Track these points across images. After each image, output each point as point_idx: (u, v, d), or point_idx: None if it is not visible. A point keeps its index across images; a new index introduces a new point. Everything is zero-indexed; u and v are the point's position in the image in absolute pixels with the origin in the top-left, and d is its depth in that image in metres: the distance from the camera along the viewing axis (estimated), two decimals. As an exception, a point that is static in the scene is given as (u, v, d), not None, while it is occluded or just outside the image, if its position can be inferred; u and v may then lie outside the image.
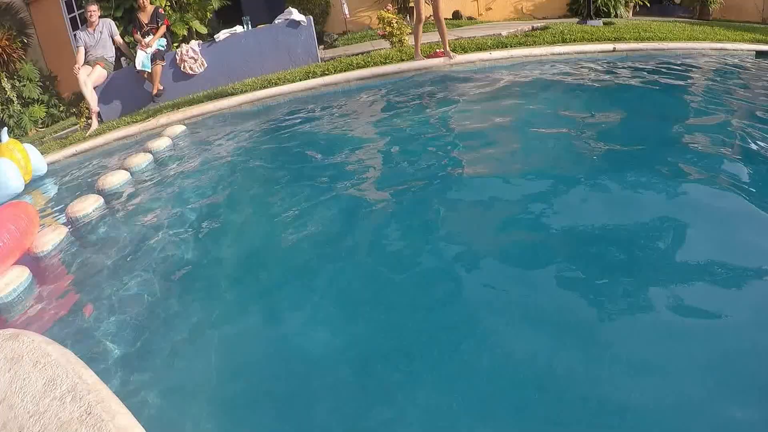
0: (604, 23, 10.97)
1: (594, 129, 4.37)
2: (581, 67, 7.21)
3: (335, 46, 12.52)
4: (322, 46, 11.87)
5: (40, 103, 14.24)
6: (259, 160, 4.87)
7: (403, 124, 5.09)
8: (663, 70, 6.88)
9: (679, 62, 7.33)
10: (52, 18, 16.60)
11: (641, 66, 7.12)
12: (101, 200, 4.23)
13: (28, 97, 14.12)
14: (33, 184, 6.28)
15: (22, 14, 16.33)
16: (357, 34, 13.71)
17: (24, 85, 14.21)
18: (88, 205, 4.09)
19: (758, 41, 9.29)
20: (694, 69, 7.12)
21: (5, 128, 6.90)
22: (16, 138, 7.94)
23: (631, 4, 15.52)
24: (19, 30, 15.61)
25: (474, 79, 7.00)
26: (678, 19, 13.92)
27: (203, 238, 3.13)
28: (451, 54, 7.94)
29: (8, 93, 13.48)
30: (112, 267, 3.00)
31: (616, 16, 14.22)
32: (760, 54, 8.16)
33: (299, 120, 6.25)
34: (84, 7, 9.64)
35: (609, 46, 8.28)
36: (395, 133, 4.89)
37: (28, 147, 6.55)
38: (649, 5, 15.96)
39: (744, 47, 8.64)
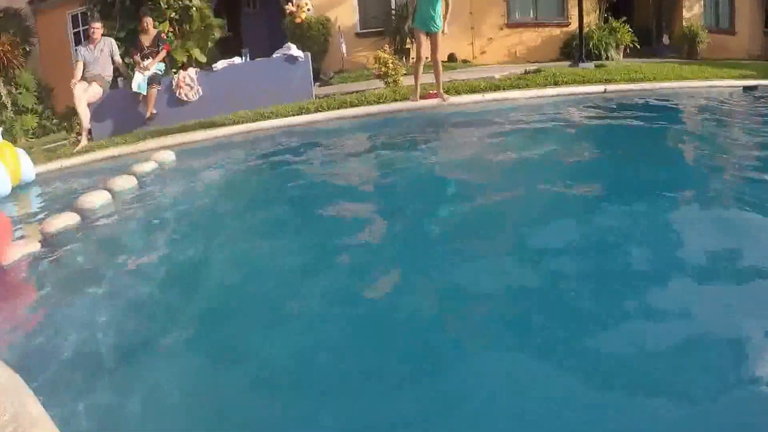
0: (596, 66, 11.28)
1: (585, 168, 4.45)
2: (573, 108, 7.38)
3: (331, 84, 12.69)
4: (318, 83, 12.02)
5: (33, 113, 14.27)
6: (244, 192, 4.92)
7: (393, 163, 5.16)
8: (653, 108, 7.10)
9: (669, 101, 7.59)
10: (57, 30, 16.79)
11: (631, 106, 7.33)
12: (77, 218, 4.21)
13: (23, 106, 14.15)
14: (18, 191, 6.29)
15: (28, 22, 16.48)
16: (353, 73, 13.91)
17: (20, 93, 14.25)
18: (64, 222, 4.06)
19: (745, 77, 9.74)
20: (683, 106, 7.37)
21: (0, 129, 6.92)
22: (6, 144, 7.96)
23: (622, 47, 15.92)
24: (23, 38, 15.69)
25: (466, 120, 7.14)
26: (667, 60, 14.25)
27: (176, 268, 3.15)
28: (445, 96, 8.11)
29: (3, 98, 13.49)
30: (77, 288, 3.02)
31: (607, 58, 14.58)
32: (747, 89, 8.54)
33: (289, 155, 6.32)
34: (88, 24, 9.73)
35: (600, 88, 8.52)
36: (383, 172, 4.96)
37: (20, 152, 6.56)
38: (639, 47, 16.39)
39: (731, 83, 9.08)
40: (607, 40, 15.30)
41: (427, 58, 8.40)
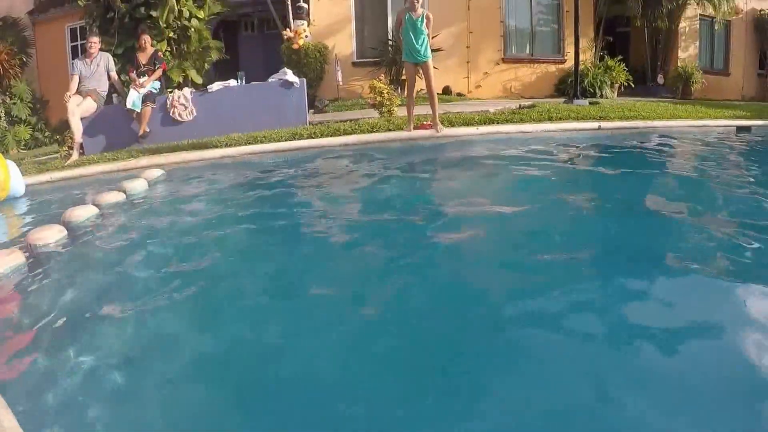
0: (590, 103, 11.40)
1: (577, 204, 4.47)
2: (566, 144, 7.43)
3: (325, 112, 12.74)
4: (312, 110, 12.07)
5: (27, 125, 14.26)
6: (231, 214, 4.90)
7: (382, 192, 5.17)
8: (646, 147, 7.16)
9: (662, 139, 7.68)
10: (55, 42, 16.83)
11: (625, 143, 7.39)
12: (64, 232, 4.19)
13: (16, 116, 14.15)
14: (6, 202, 6.26)
15: (26, 32, 16.53)
16: (348, 102, 14.01)
17: (14, 103, 14.25)
18: (50, 235, 4.04)
19: (738, 117, 9.90)
20: (676, 145, 7.43)
21: None
22: (-1, 154, 7.94)
23: (616, 85, 16.18)
24: (21, 48, 15.75)
25: (458, 152, 7.17)
26: (661, 100, 14.52)
27: (161, 288, 3.12)
28: (440, 127, 8.18)
29: (-3, 107, 13.51)
30: (59, 301, 2.99)
31: (601, 96, 14.81)
32: (740, 129, 8.66)
33: (279, 179, 6.32)
34: (86, 38, 9.77)
35: (594, 124, 8.63)
36: (373, 200, 4.96)
37: (11, 164, 6.52)
38: (633, 86, 16.63)
39: (725, 123, 9.21)
40: (602, 78, 15.56)
41: (422, 89, 8.50)
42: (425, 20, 7.96)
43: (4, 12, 16.32)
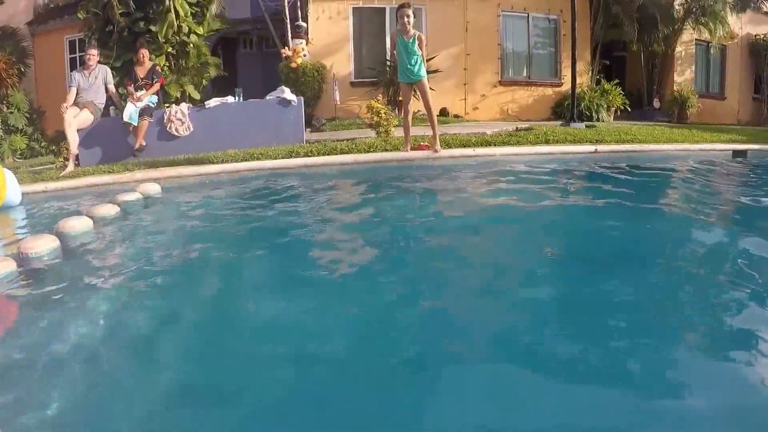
0: (587, 126, 11.49)
1: (573, 229, 4.45)
2: (563, 167, 7.44)
3: (322, 131, 12.78)
4: (309, 129, 12.10)
5: (23, 134, 14.28)
6: (225, 230, 4.87)
7: (378, 212, 5.14)
8: (643, 170, 7.17)
9: (658, 163, 7.71)
10: (53, 54, 16.92)
11: (622, 166, 7.37)
12: (57, 242, 4.16)
13: (13, 125, 14.18)
14: (1, 211, 6.23)
15: (25, 43, 16.63)
16: (345, 121, 14.07)
17: (11, 113, 14.29)
18: (42, 245, 3.98)
19: (734, 141, 9.99)
20: (673, 169, 7.44)
21: None
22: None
23: (613, 109, 16.33)
24: (19, 57, 15.84)
25: (456, 174, 7.16)
26: (658, 123, 14.68)
27: (151, 305, 3.08)
28: (438, 147, 8.23)
29: (-7, 116, 13.54)
30: (49, 309, 2.97)
31: (598, 120, 14.93)
32: (736, 153, 8.69)
33: (275, 197, 6.30)
34: (85, 50, 9.79)
35: (591, 148, 8.66)
36: (367, 220, 4.93)
37: (7, 173, 6.47)
38: (630, 110, 16.80)
39: (721, 147, 9.29)
40: (599, 102, 15.71)
41: (419, 111, 8.54)
42: (417, 41, 8.04)
43: (3, 22, 16.44)
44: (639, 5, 17.05)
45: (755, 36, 21.13)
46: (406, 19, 8.01)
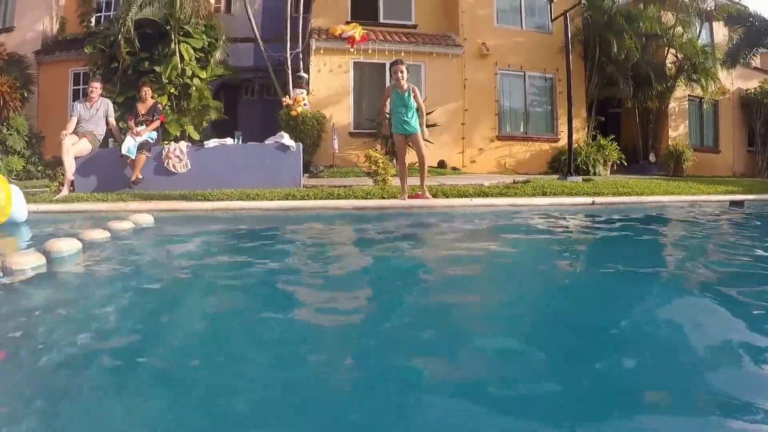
0: (584, 180, 11.56)
1: (571, 278, 4.41)
2: (560, 218, 7.42)
3: (320, 177, 12.86)
4: (307, 175, 12.17)
5: (21, 156, 14.37)
6: (214, 267, 4.79)
7: (372, 257, 5.09)
8: (642, 221, 7.16)
9: (657, 214, 7.75)
10: (57, 83, 17.32)
11: (620, 217, 7.37)
12: (43, 260, 4.12)
13: (11, 147, 14.28)
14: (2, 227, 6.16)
15: (31, 70, 16.98)
16: (343, 170, 14.21)
17: (11, 134, 14.41)
18: (27, 261, 3.93)
19: (731, 192, 10.07)
20: (671, 219, 7.47)
21: None
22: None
23: (609, 164, 16.54)
24: (24, 84, 16.13)
25: (452, 223, 7.11)
26: (654, 177, 14.84)
27: (134, 335, 2.98)
28: (428, 195, 8.31)
29: (-7, 136, 13.69)
30: (24, 332, 2.89)
31: (594, 174, 15.18)
32: (733, 204, 8.81)
33: (268, 238, 6.20)
34: (88, 82, 9.89)
35: (588, 199, 8.70)
36: (361, 265, 4.89)
37: (14, 189, 6.39)
38: (626, 164, 17.02)
39: (718, 198, 9.38)
40: (595, 157, 16.01)
41: (414, 162, 8.62)
42: (412, 93, 8.18)
43: (12, 48, 16.80)
44: (633, 64, 17.54)
45: (746, 90, 21.75)
46: (400, 75, 8.19)
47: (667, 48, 19.14)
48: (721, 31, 21.00)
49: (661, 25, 18.55)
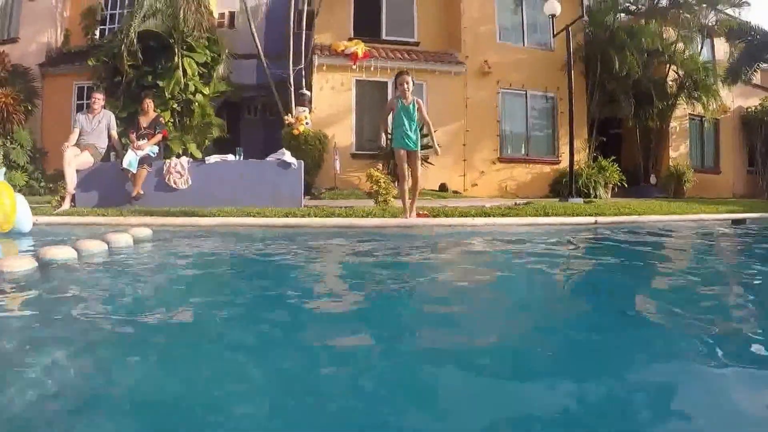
0: (585, 201, 11.61)
1: (575, 295, 4.37)
2: (563, 237, 7.37)
3: (321, 198, 12.84)
4: (308, 196, 12.13)
5: (23, 171, 14.37)
6: (212, 281, 4.78)
7: (370, 275, 5.07)
8: (646, 239, 7.14)
9: (660, 232, 7.71)
10: (61, 97, 17.31)
11: (624, 236, 7.35)
12: (35, 265, 4.10)
13: (14, 161, 14.26)
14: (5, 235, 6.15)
15: (35, 83, 16.94)
16: (344, 191, 14.22)
17: (14, 148, 14.40)
18: (20, 265, 3.96)
19: (732, 212, 10.12)
20: (675, 238, 7.47)
21: (4, 169, 6.83)
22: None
23: (610, 185, 16.52)
24: (28, 96, 16.10)
25: (454, 241, 7.09)
26: (655, 199, 14.81)
27: (123, 350, 2.89)
28: (413, 214, 8.28)
29: (-4, 149, 13.70)
30: (16, 337, 2.86)
31: (595, 196, 15.20)
32: (735, 222, 8.91)
33: (267, 255, 6.15)
34: (91, 94, 9.92)
35: (591, 219, 8.72)
36: (359, 281, 4.85)
37: (19, 198, 6.37)
38: (626, 186, 17.02)
39: (720, 217, 9.48)
40: (596, 179, 16.05)
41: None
42: (417, 105, 8.17)
43: (15, 59, 16.77)
44: (634, 81, 17.62)
45: (746, 108, 21.80)
46: (405, 86, 8.17)
47: (668, 65, 19.24)
48: (722, 48, 21.13)
49: (663, 41, 18.66)
